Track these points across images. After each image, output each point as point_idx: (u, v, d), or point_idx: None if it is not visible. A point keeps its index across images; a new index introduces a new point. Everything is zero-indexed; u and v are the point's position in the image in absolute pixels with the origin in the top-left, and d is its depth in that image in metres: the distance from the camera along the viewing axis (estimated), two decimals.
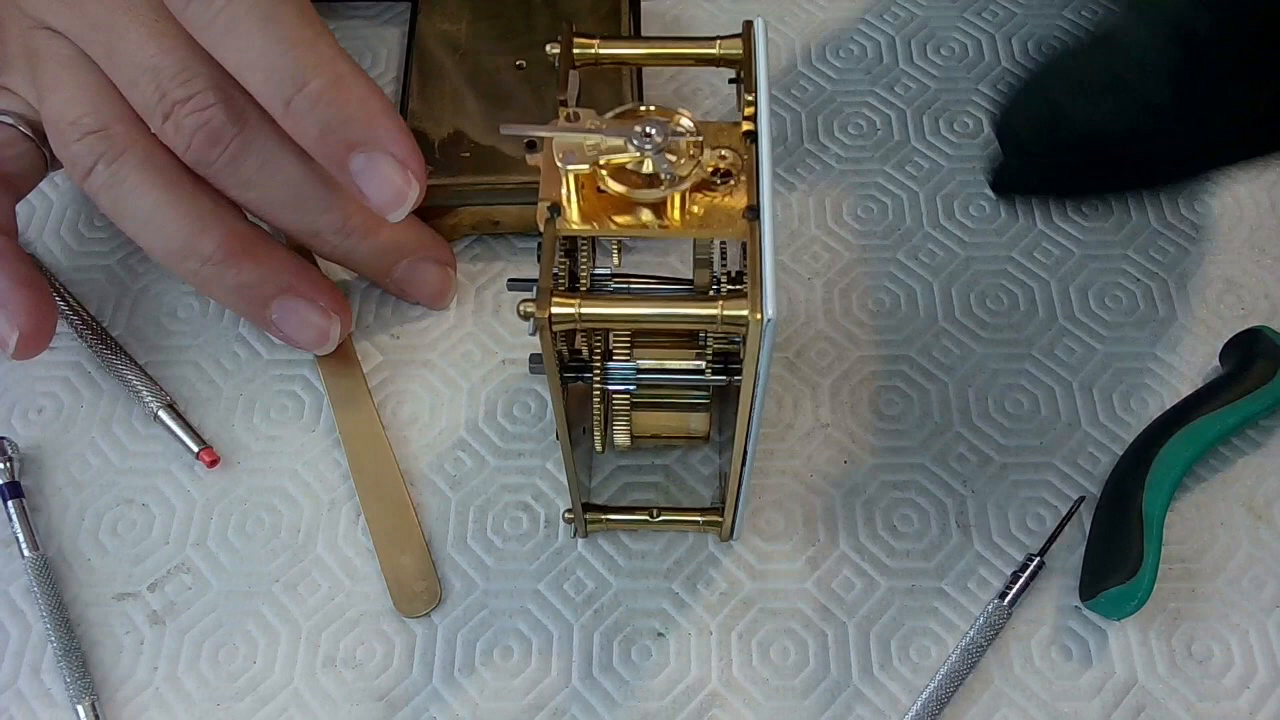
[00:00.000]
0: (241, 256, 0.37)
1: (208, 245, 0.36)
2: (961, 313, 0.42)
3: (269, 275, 0.38)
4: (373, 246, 0.39)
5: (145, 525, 0.38)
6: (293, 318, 0.38)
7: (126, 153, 0.36)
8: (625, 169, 0.26)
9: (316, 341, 0.39)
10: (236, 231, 0.37)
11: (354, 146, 0.34)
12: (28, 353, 0.35)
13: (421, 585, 0.36)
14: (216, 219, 0.36)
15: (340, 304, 0.39)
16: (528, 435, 0.39)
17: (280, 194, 0.37)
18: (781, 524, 0.37)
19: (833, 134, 0.47)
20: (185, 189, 0.36)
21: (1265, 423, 0.39)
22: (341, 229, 0.38)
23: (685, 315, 0.26)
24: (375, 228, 0.38)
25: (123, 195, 0.36)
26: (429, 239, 0.41)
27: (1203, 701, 0.34)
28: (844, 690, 0.34)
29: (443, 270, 0.41)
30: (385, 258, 0.39)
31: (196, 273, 0.37)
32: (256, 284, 0.37)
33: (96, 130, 0.36)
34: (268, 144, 0.36)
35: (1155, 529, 0.35)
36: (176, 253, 0.37)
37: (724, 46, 0.30)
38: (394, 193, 0.34)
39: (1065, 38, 0.48)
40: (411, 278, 0.40)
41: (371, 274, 0.41)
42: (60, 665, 0.35)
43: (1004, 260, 0.43)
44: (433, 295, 0.41)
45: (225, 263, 0.36)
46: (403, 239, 0.39)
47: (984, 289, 0.42)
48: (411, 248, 0.40)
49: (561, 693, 0.35)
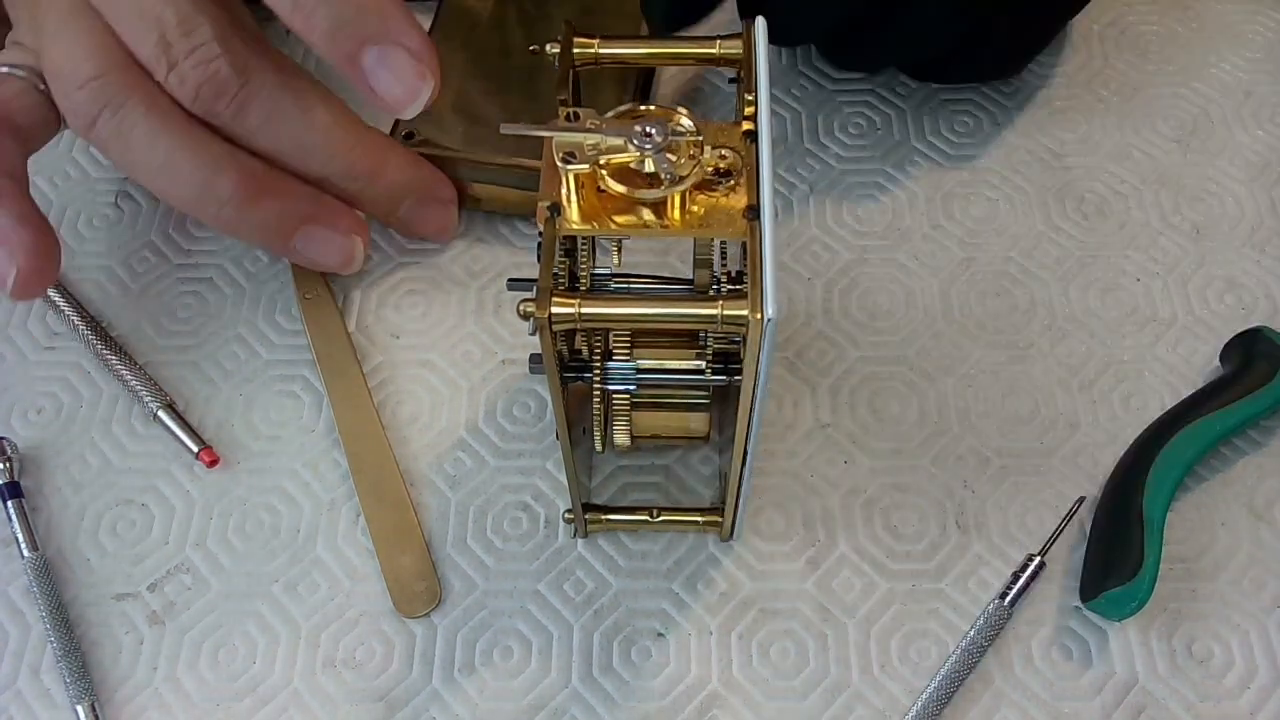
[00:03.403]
0: (259, 194, 0.37)
1: (225, 187, 0.36)
2: (961, 313, 0.42)
3: (288, 208, 0.38)
4: (378, 189, 0.39)
5: (145, 525, 0.38)
6: (317, 245, 0.39)
7: (130, 100, 0.35)
8: (625, 168, 0.26)
9: (343, 263, 0.40)
10: (250, 170, 0.37)
11: (366, 40, 0.33)
12: (26, 292, 0.35)
13: (421, 585, 0.36)
14: (229, 160, 0.36)
15: (358, 224, 0.40)
16: (528, 435, 0.39)
17: (286, 143, 0.37)
18: (781, 524, 0.37)
19: (833, 134, 0.47)
20: (194, 133, 0.36)
21: (1265, 423, 0.39)
22: (347, 174, 0.38)
23: (685, 315, 0.26)
24: (379, 171, 0.39)
25: (131, 144, 0.36)
26: (431, 178, 0.41)
27: (1203, 702, 0.34)
28: (844, 690, 0.34)
29: (445, 208, 0.42)
30: (390, 199, 0.40)
31: (217, 216, 0.37)
32: (277, 219, 0.38)
33: (97, 77, 0.35)
34: (272, 95, 0.36)
35: (1156, 529, 0.35)
36: (194, 198, 0.37)
37: (724, 46, 0.30)
38: (408, 88, 0.34)
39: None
40: (416, 216, 0.41)
41: (378, 214, 0.41)
42: (60, 665, 0.35)
43: (1004, 260, 0.43)
44: (437, 231, 0.42)
45: (244, 203, 0.37)
46: (406, 179, 0.40)
47: (984, 289, 0.42)
48: (415, 187, 0.40)
49: (561, 693, 0.35)
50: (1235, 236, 0.43)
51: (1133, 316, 0.42)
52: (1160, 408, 0.39)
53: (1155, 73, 0.48)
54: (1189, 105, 0.47)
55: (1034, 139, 0.46)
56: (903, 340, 0.41)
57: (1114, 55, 0.49)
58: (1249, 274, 0.42)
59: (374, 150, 0.39)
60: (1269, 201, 0.44)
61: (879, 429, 0.39)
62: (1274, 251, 0.43)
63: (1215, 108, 0.47)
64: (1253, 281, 0.42)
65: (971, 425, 0.39)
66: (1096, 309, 0.42)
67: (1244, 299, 0.42)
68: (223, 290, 0.43)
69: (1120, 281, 0.42)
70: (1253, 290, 0.42)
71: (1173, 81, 0.48)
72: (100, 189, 0.46)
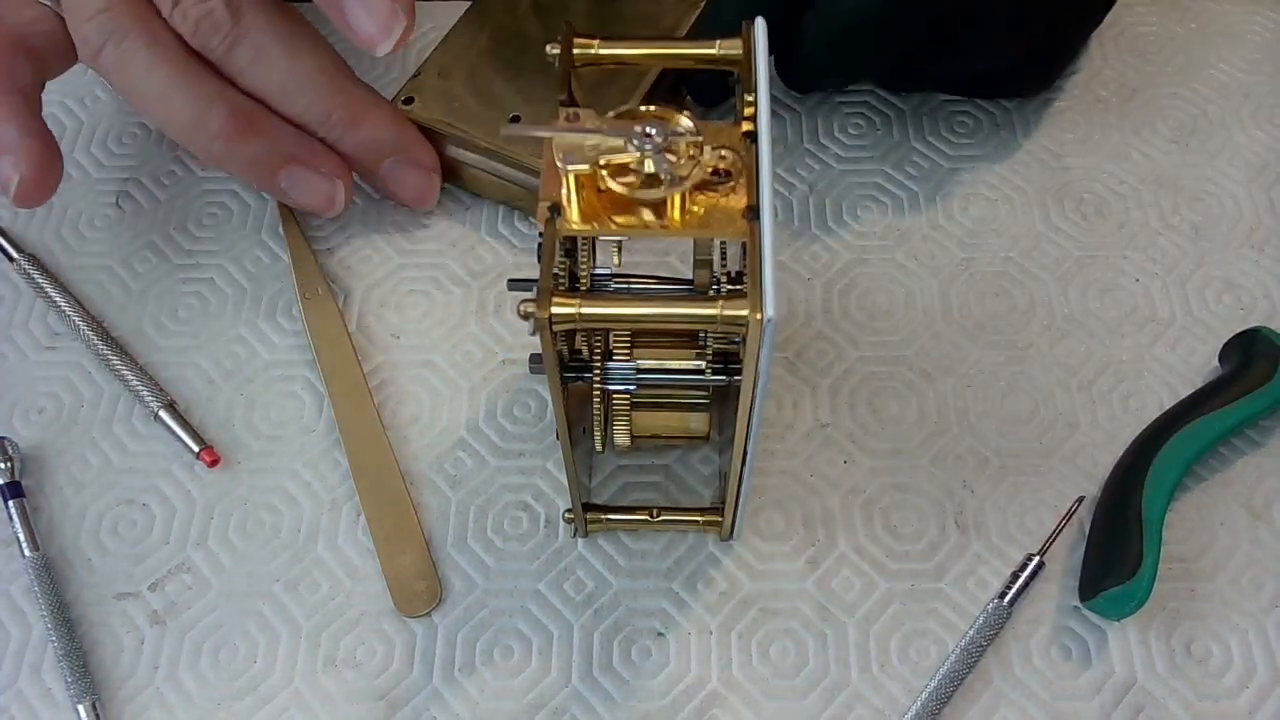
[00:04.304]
0: (247, 131, 0.39)
1: (214, 121, 0.39)
2: (961, 313, 0.42)
3: (274, 147, 0.40)
4: (356, 139, 0.41)
5: (146, 525, 0.38)
6: (300, 185, 0.41)
7: (133, 33, 0.38)
8: (625, 169, 0.26)
9: (324, 204, 0.42)
10: (240, 108, 0.39)
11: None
12: (28, 199, 0.38)
13: (422, 585, 0.36)
14: (220, 96, 0.39)
15: (341, 169, 0.41)
16: (528, 435, 0.39)
17: (270, 84, 0.40)
18: (781, 524, 0.37)
19: (833, 134, 0.47)
20: (191, 69, 0.39)
21: (1265, 423, 0.39)
22: (325, 120, 0.41)
23: (685, 315, 0.26)
24: (357, 122, 0.41)
25: (131, 74, 0.39)
26: (412, 139, 0.42)
27: (1202, 701, 0.34)
28: (844, 690, 0.34)
29: (425, 174, 0.43)
30: (369, 152, 0.42)
31: (208, 148, 0.40)
32: (264, 156, 0.40)
33: (105, 10, 0.38)
34: (260, 38, 0.39)
35: (1155, 529, 0.35)
36: (187, 128, 0.39)
37: (724, 47, 0.30)
38: (381, 25, 0.37)
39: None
40: (395, 176, 0.42)
41: (359, 169, 0.43)
42: (61, 665, 0.35)
43: (1004, 260, 0.43)
44: (415, 197, 0.43)
45: (232, 137, 0.39)
46: (385, 135, 0.41)
47: (983, 289, 0.42)
48: (394, 146, 0.42)
49: (561, 692, 0.35)
50: (1234, 237, 0.43)
51: (1132, 317, 0.42)
52: (1159, 408, 0.39)
53: (1154, 73, 0.48)
54: (1188, 106, 0.47)
55: (1033, 139, 0.46)
56: (902, 340, 0.41)
57: (1113, 56, 0.49)
58: (1247, 274, 0.43)
59: (355, 102, 0.41)
60: (1267, 202, 0.44)
61: (879, 429, 0.39)
62: (1272, 252, 0.43)
63: (1214, 108, 0.47)
64: (1251, 282, 0.42)
65: (971, 425, 0.39)
66: (1095, 309, 0.42)
67: (1242, 299, 0.42)
68: (223, 290, 0.43)
69: (1119, 282, 0.42)
70: (1251, 290, 0.42)
71: (1172, 82, 0.48)
72: (101, 189, 0.46)
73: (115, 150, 0.47)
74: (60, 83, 0.49)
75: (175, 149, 0.46)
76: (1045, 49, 0.44)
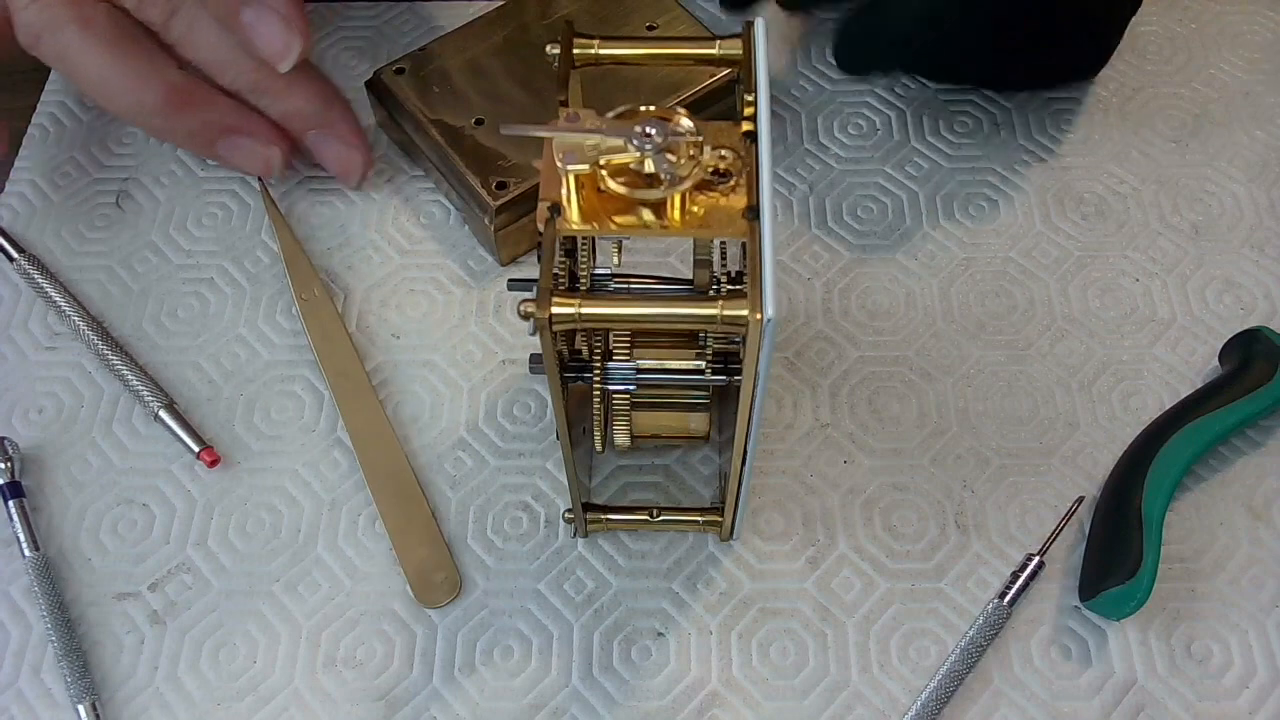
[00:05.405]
0: (183, 105, 0.41)
1: (150, 97, 0.41)
2: (960, 312, 0.42)
3: (211, 118, 0.42)
4: (283, 109, 0.43)
5: (146, 525, 0.38)
6: (238, 152, 0.43)
7: (67, 20, 0.40)
8: (625, 169, 0.26)
9: (262, 168, 0.43)
10: (174, 84, 0.41)
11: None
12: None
13: (441, 576, 0.36)
14: (155, 75, 0.41)
15: (278, 137, 0.43)
16: (528, 435, 0.39)
17: (204, 54, 0.42)
18: (781, 524, 0.37)
19: (833, 134, 0.47)
20: (125, 50, 0.40)
21: (1265, 423, 0.39)
22: (255, 89, 0.43)
23: (685, 315, 0.26)
24: (284, 94, 0.43)
25: (69, 61, 0.40)
26: (337, 116, 0.44)
27: (1202, 701, 0.34)
28: (844, 690, 0.34)
29: (349, 149, 0.44)
30: (295, 121, 0.43)
31: (149, 124, 0.43)
32: (202, 127, 0.42)
33: None
34: (191, 11, 0.41)
35: (1155, 529, 0.35)
36: (128, 107, 0.41)
37: (724, 47, 0.30)
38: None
39: None
40: (319, 148, 0.44)
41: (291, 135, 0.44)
42: (61, 665, 0.35)
43: (1003, 260, 0.43)
44: (340, 171, 0.45)
45: (171, 112, 0.41)
46: (309, 109, 0.43)
47: (983, 289, 0.42)
48: (319, 120, 0.43)
49: (561, 692, 0.35)
50: (1234, 237, 0.43)
51: (1132, 316, 0.42)
52: (1159, 407, 0.39)
53: (1155, 73, 0.48)
54: (1188, 105, 0.47)
55: (1034, 139, 0.46)
56: (902, 340, 0.41)
57: (1113, 55, 0.49)
58: (1247, 274, 0.43)
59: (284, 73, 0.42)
60: (1268, 201, 0.44)
61: (879, 429, 0.39)
62: (1273, 252, 0.43)
63: (1214, 108, 0.47)
64: (1251, 281, 0.42)
65: (971, 425, 0.39)
66: (1096, 309, 0.42)
67: (1243, 299, 0.42)
68: (223, 290, 0.43)
69: (1119, 281, 0.42)
70: (1251, 290, 0.42)
71: (1172, 82, 0.48)
72: (101, 189, 0.46)
73: (115, 150, 0.47)
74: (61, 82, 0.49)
75: (175, 149, 0.46)
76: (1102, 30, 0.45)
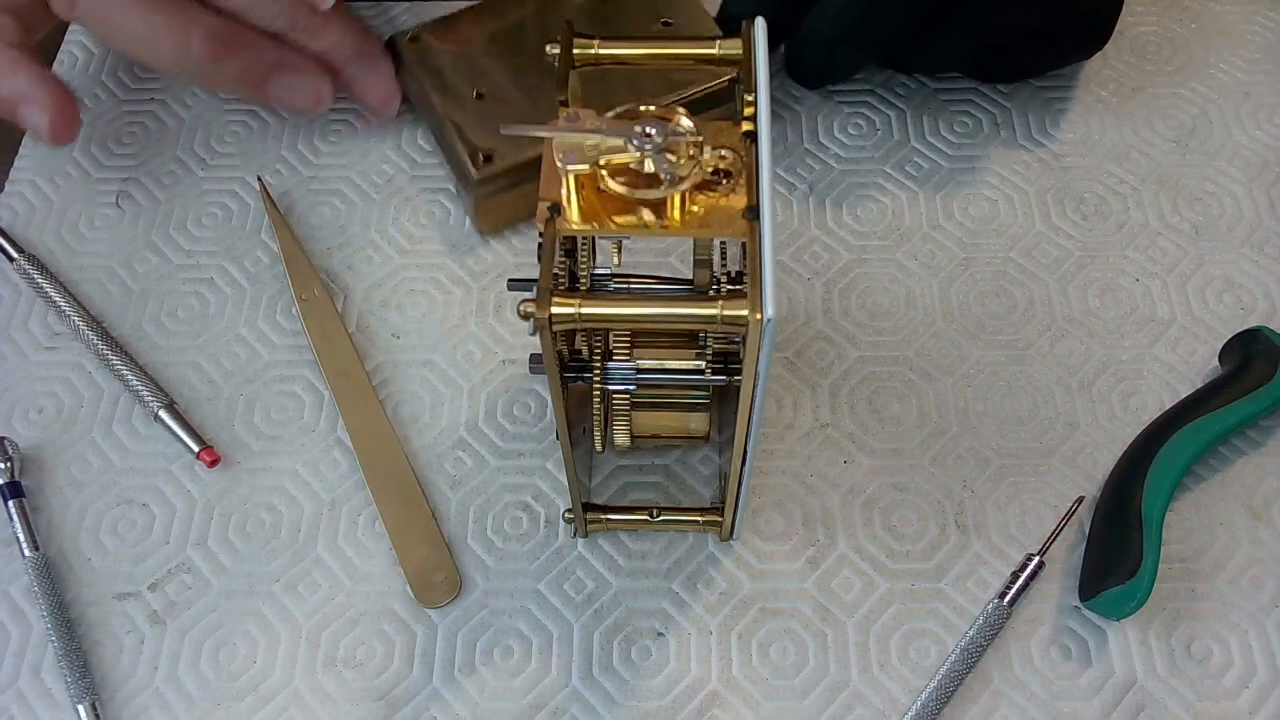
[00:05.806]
0: (227, 50, 0.42)
1: (195, 46, 0.41)
2: (961, 313, 0.42)
3: (258, 59, 0.43)
4: (323, 44, 0.44)
5: (146, 525, 0.38)
6: (289, 88, 0.44)
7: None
8: (625, 169, 0.26)
9: (314, 101, 0.45)
10: (216, 30, 0.42)
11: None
12: (60, 138, 0.41)
13: (441, 575, 0.36)
14: (195, 24, 0.41)
15: (322, 68, 0.44)
16: (528, 435, 0.39)
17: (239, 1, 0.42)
18: (781, 524, 0.37)
19: (833, 134, 0.47)
20: (161, 4, 0.41)
21: (1265, 423, 0.39)
22: (294, 27, 0.44)
23: (685, 315, 0.26)
24: (321, 30, 0.44)
25: (109, 21, 0.41)
26: (368, 47, 0.45)
27: (1202, 701, 0.34)
28: (844, 690, 0.34)
29: (388, 80, 0.46)
30: (335, 56, 0.45)
31: (198, 74, 0.43)
32: (249, 69, 0.43)
33: None
34: None
35: (1155, 529, 0.35)
36: (173, 59, 0.42)
37: (724, 47, 0.30)
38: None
39: None
40: (359, 80, 0.46)
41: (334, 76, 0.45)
42: (61, 665, 0.35)
43: (1003, 260, 0.43)
44: (379, 102, 0.46)
45: (217, 57, 0.42)
46: (346, 42, 0.45)
47: (983, 289, 0.42)
48: (356, 53, 0.45)
49: (561, 692, 0.35)
50: (1234, 236, 0.43)
51: (1131, 316, 0.42)
52: (1159, 407, 0.39)
53: (1154, 73, 0.48)
54: (1188, 105, 0.47)
55: (1034, 139, 0.46)
56: (902, 340, 0.41)
57: (1113, 55, 0.49)
58: (1247, 274, 0.43)
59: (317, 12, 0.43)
60: (1267, 201, 0.44)
61: (879, 429, 0.39)
62: (1272, 252, 0.43)
63: (1214, 108, 0.47)
64: (1251, 281, 0.42)
65: (971, 425, 0.39)
66: (1095, 309, 0.42)
67: (1242, 299, 0.42)
68: (223, 290, 0.43)
69: (1119, 281, 0.42)
70: (1251, 290, 0.42)
71: (1171, 82, 0.48)
72: (101, 189, 0.46)
73: (115, 150, 0.47)
74: None
75: (175, 149, 0.46)
76: None
